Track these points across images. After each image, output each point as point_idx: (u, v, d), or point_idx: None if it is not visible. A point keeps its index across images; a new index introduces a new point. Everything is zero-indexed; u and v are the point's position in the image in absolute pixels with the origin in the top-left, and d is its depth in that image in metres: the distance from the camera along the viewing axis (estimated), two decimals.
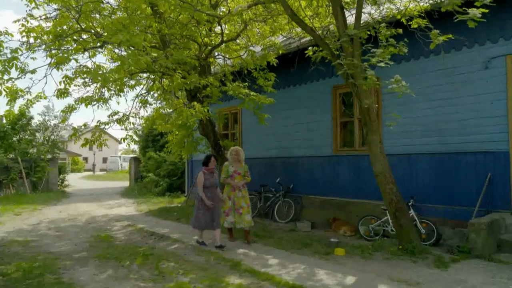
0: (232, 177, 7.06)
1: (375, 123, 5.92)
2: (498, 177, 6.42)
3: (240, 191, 7.05)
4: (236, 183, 7.02)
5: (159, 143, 19.39)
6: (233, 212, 7.00)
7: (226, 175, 7.10)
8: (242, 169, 7.16)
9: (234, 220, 6.98)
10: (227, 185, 7.14)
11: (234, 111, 12.00)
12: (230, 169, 7.10)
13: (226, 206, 7.02)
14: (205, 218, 6.64)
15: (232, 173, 7.07)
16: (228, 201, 7.01)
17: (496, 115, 6.48)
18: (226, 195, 7.04)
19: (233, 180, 7.04)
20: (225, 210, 7.03)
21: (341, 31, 5.49)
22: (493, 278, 4.71)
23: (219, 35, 7.37)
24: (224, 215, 7.02)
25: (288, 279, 4.86)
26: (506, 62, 6.37)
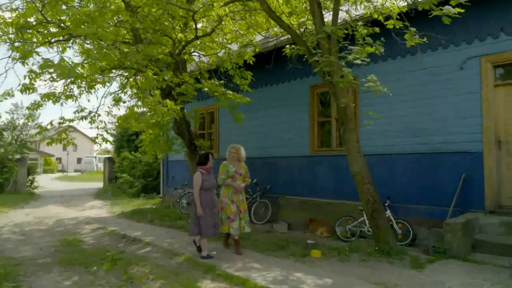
0: (233, 178, 6.25)
1: (352, 122, 5.84)
2: (472, 177, 6.45)
3: (241, 193, 6.34)
4: (238, 184, 6.25)
5: (134, 143, 18.92)
6: (238, 217, 6.20)
7: (226, 176, 6.28)
8: (243, 169, 6.41)
9: (239, 226, 6.20)
10: (225, 188, 6.30)
11: (211, 110, 11.77)
12: (231, 169, 6.30)
13: (230, 212, 6.17)
14: (207, 224, 5.87)
15: (233, 173, 6.28)
16: (232, 206, 6.19)
17: (470, 115, 6.51)
18: (228, 198, 6.23)
19: (234, 181, 6.26)
20: (230, 216, 6.17)
21: (318, 27, 5.38)
22: (470, 279, 4.68)
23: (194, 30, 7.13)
24: (229, 222, 6.17)
25: (263, 283, 4.70)
26: (481, 63, 6.42)
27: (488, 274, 4.81)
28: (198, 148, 8.87)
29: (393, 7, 5.75)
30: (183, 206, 11.12)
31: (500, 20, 6.27)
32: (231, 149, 6.46)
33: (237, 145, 6.56)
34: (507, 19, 6.20)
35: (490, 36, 6.36)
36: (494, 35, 6.31)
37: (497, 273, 4.86)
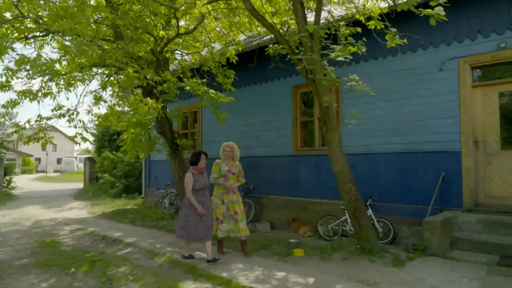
0: (225, 177, 5.99)
1: (334, 121, 5.87)
2: (451, 176, 6.58)
3: (234, 193, 6.04)
4: (230, 184, 5.97)
5: (115, 142, 18.61)
6: (227, 219, 5.96)
7: (218, 175, 6.01)
8: (236, 168, 6.12)
9: (229, 228, 5.97)
10: (217, 187, 6.06)
11: (194, 109, 11.68)
12: (224, 168, 6.02)
13: (219, 212, 5.96)
14: (196, 227, 5.60)
15: (225, 172, 6.00)
16: (221, 206, 5.95)
17: (449, 116, 6.64)
18: (218, 198, 5.98)
19: (227, 180, 6.00)
20: (218, 217, 5.95)
21: (300, 26, 5.39)
22: (448, 276, 4.76)
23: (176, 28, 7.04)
24: (217, 223, 5.94)
25: (245, 282, 4.68)
26: (459, 64, 6.55)
27: (466, 271, 4.91)
28: (181, 148, 8.77)
29: (374, 8, 5.81)
30: (165, 207, 11.00)
31: (477, 23, 6.41)
32: (225, 147, 6.17)
33: (231, 143, 6.25)
34: (484, 22, 6.35)
35: (468, 38, 6.50)
36: (471, 37, 6.46)
37: (474, 269, 4.96)
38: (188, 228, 5.64)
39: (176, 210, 10.73)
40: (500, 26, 6.20)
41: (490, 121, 6.50)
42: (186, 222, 5.67)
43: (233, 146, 6.19)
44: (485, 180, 6.50)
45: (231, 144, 6.22)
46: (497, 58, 6.23)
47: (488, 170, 6.48)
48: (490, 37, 6.29)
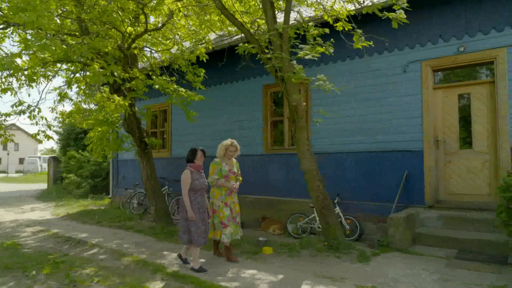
0: (226, 177, 5.59)
1: (303, 120, 5.96)
2: (414, 174, 6.84)
3: (235, 195, 5.74)
4: (232, 185, 5.60)
5: (81, 141, 18.02)
6: (231, 222, 5.59)
7: (219, 176, 5.57)
8: (235, 167, 5.78)
9: (232, 231, 5.58)
10: (218, 189, 5.63)
11: (164, 108, 11.51)
12: (224, 168, 5.60)
13: (223, 216, 5.52)
14: (199, 231, 5.15)
15: (227, 173, 5.60)
16: (225, 209, 5.55)
17: (412, 116, 6.90)
18: (221, 201, 5.57)
19: (228, 181, 5.61)
20: (223, 220, 5.52)
21: (270, 25, 5.44)
22: (410, 270, 4.94)
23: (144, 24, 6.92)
24: (222, 227, 5.52)
25: (214, 281, 4.66)
26: (421, 67, 6.82)
27: (427, 265, 5.12)
28: (149, 147, 8.62)
29: (342, 10, 5.95)
30: (133, 207, 10.78)
31: (438, 27, 6.70)
32: (230, 147, 5.63)
33: (234, 140, 5.77)
34: (444, 27, 6.64)
35: (430, 42, 6.78)
36: (433, 40, 6.74)
37: (434, 263, 5.19)
38: (190, 232, 5.17)
39: (145, 210, 10.55)
40: (459, 31, 6.50)
41: (449, 121, 6.80)
42: (186, 227, 5.19)
43: (237, 144, 5.75)
44: (445, 178, 6.80)
45: (235, 142, 5.75)
46: (457, 61, 6.53)
47: (448, 168, 6.79)
48: (450, 41, 6.59)
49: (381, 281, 4.54)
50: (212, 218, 5.61)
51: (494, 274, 4.67)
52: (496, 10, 6.22)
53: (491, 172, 6.34)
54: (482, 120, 6.49)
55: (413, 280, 4.57)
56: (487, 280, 4.47)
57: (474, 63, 6.48)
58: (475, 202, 6.41)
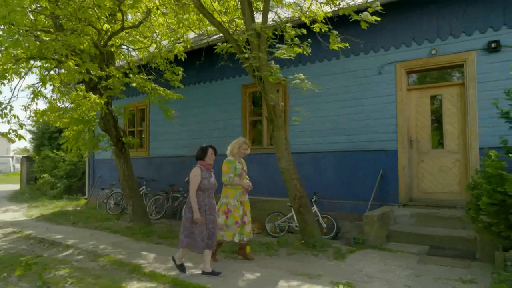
0: (240, 176, 5.45)
1: (281, 120, 6.02)
2: (388, 173, 7.02)
3: (247, 194, 5.62)
4: (248, 184, 5.49)
5: (56, 140, 17.57)
6: (242, 222, 5.46)
7: (234, 174, 5.41)
8: (245, 166, 5.71)
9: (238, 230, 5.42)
10: (232, 188, 5.44)
11: (142, 107, 11.38)
12: (238, 166, 5.46)
13: (238, 216, 5.37)
14: (202, 236, 4.81)
15: (241, 171, 5.47)
16: (240, 208, 5.40)
17: (387, 117, 7.08)
18: (236, 200, 5.39)
19: (241, 180, 5.46)
20: (238, 220, 5.35)
21: (248, 25, 5.48)
22: (384, 266, 5.08)
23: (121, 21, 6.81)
24: (236, 227, 5.34)
25: (192, 281, 4.65)
26: (396, 68, 7.01)
27: (400, 261, 5.27)
28: (127, 146, 8.51)
29: (319, 11, 6.04)
30: (110, 207, 10.60)
31: (412, 30, 6.90)
32: (243, 145, 5.53)
33: (246, 139, 5.69)
34: (418, 30, 6.84)
35: (404, 44, 6.97)
36: (407, 43, 6.94)
37: (407, 259, 5.34)
38: (195, 236, 4.80)
39: (122, 210, 10.40)
40: (432, 34, 6.72)
41: (422, 122, 7.02)
42: (192, 229, 4.82)
43: (248, 142, 5.64)
44: (418, 177, 7.01)
45: (247, 140, 5.66)
46: (429, 64, 6.75)
47: (421, 167, 7.00)
48: (423, 44, 6.79)
49: (355, 277, 4.64)
50: (225, 220, 5.36)
51: (463, 269, 4.85)
52: (465, 15, 6.46)
53: (461, 171, 6.58)
54: (453, 120, 6.73)
55: (386, 275, 4.69)
56: (457, 274, 4.64)
57: (446, 65, 6.70)
58: (446, 200, 6.64)
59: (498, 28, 6.19)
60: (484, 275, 4.55)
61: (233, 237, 5.37)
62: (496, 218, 4.47)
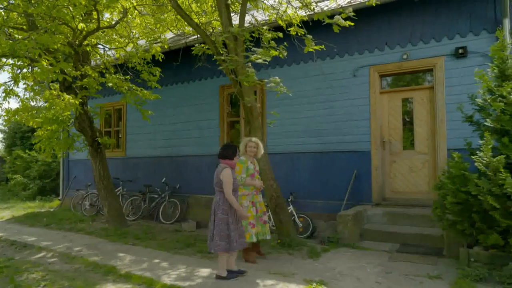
0: (252, 176, 5.43)
1: (258, 121, 6.11)
2: (362, 174, 7.22)
3: (260, 193, 5.62)
4: (260, 183, 5.50)
5: (29, 140, 17.09)
6: (257, 221, 5.44)
7: (246, 174, 5.39)
8: (257, 166, 5.66)
9: (257, 231, 5.41)
10: (245, 188, 5.38)
11: (118, 107, 11.24)
12: (250, 166, 5.43)
13: (252, 216, 5.35)
14: (237, 237, 4.69)
15: (253, 171, 5.45)
16: (252, 209, 5.37)
17: (361, 118, 7.28)
18: (249, 201, 5.38)
19: (254, 180, 5.44)
20: (251, 221, 5.35)
21: (225, 27, 5.54)
22: (356, 264, 5.24)
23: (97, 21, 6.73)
24: (250, 227, 5.33)
25: (167, 281, 4.67)
26: (370, 72, 7.22)
27: (371, 258, 5.45)
28: (102, 146, 8.40)
29: (294, 15, 6.16)
30: (85, 208, 10.44)
31: (385, 35, 7.13)
32: (249, 142, 5.50)
33: (255, 138, 5.64)
34: (390, 34, 7.08)
35: (377, 48, 7.19)
36: (380, 48, 7.16)
37: (378, 257, 5.53)
38: (231, 238, 4.61)
39: (97, 211, 10.25)
40: (404, 40, 6.97)
41: (394, 124, 7.26)
42: (226, 231, 4.62)
43: (258, 141, 5.58)
44: (390, 177, 7.24)
45: (256, 139, 5.61)
46: (401, 68, 6.99)
47: (393, 168, 7.23)
48: (395, 49, 7.03)
49: (328, 275, 4.78)
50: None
51: (430, 265, 5.06)
52: (435, 22, 6.73)
53: (430, 171, 6.85)
54: (423, 123, 6.99)
55: (358, 273, 4.85)
56: (424, 271, 4.84)
57: (417, 70, 6.96)
58: (417, 199, 6.89)
59: (464, 34, 6.48)
60: (449, 271, 4.77)
61: (250, 238, 5.32)
62: (460, 217, 4.70)
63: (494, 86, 4.81)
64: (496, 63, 4.89)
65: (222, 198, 4.69)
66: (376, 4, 6.28)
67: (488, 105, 4.80)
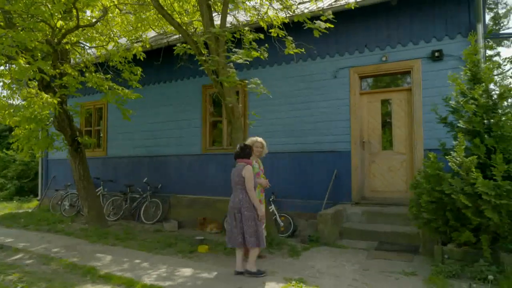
0: (257, 175, 5.45)
1: (239, 121, 6.14)
2: (342, 173, 7.34)
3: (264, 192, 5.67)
4: (265, 181, 5.53)
5: (6, 139, 16.68)
6: None
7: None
8: (262, 165, 5.72)
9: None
10: None
11: (99, 105, 11.09)
12: (255, 166, 5.44)
13: None
14: (262, 232, 4.90)
15: (258, 170, 5.50)
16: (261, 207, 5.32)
17: (342, 119, 7.40)
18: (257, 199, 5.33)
19: (260, 178, 5.48)
20: None
21: (206, 27, 5.55)
22: (335, 262, 5.34)
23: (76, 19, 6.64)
24: None
25: (147, 281, 4.66)
26: (350, 73, 7.35)
27: (350, 256, 5.56)
28: (82, 146, 8.29)
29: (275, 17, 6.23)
30: (65, 209, 10.28)
31: (364, 37, 7.27)
32: (256, 142, 5.56)
33: (260, 138, 5.68)
34: (370, 37, 7.22)
35: (357, 50, 7.33)
36: (360, 49, 7.30)
37: (356, 255, 5.65)
38: (258, 233, 4.78)
39: (77, 212, 10.10)
40: (383, 42, 7.12)
41: (374, 124, 7.41)
42: (254, 227, 4.77)
43: (263, 142, 5.66)
44: (369, 176, 7.39)
45: (262, 139, 5.66)
46: (380, 70, 7.14)
47: (372, 167, 7.38)
48: (374, 51, 7.18)
49: (307, 273, 4.86)
50: None
51: (406, 262, 5.21)
52: (412, 25, 6.90)
53: (408, 171, 7.02)
54: (401, 124, 7.16)
55: (336, 270, 4.95)
56: (400, 268, 4.97)
57: (395, 72, 7.13)
58: (395, 198, 7.06)
59: (441, 38, 6.68)
60: (424, 268, 4.92)
61: None
62: (435, 215, 4.85)
63: (467, 88, 4.99)
64: (469, 66, 5.07)
65: (245, 196, 4.83)
66: (355, 7, 6.41)
67: (461, 107, 4.97)
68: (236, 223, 4.84)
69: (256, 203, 4.81)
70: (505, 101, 4.90)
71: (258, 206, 4.84)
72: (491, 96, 4.93)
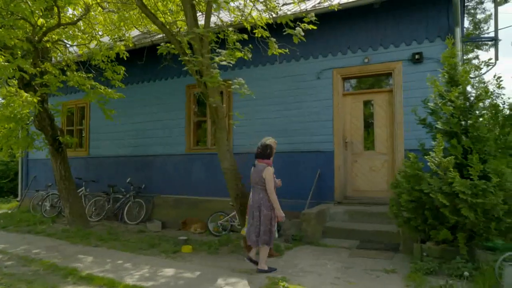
0: None
1: (223, 121, 6.15)
2: (325, 173, 7.43)
3: None
4: (279, 182, 5.39)
5: None
6: None
7: None
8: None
9: None
10: None
11: (81, 105, 10.94)
12: None
13: None
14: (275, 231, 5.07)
15: None
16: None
17: (325, 119, 7.50)
18: None
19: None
20: None
21: (190, 27, 5.55)
22: (317, 260, 5.41)
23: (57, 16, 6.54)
24: None
25: (129, 282, 4.65)
26: (333, 74, 7.45)
27: (332, 255, 5.65)
28: (64, 145, 8.16)
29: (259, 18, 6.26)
30: (46, 209, 10.10)
31: (347, 39, 7.38)
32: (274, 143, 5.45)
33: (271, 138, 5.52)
34: (352, 39, 7.33)
35: (340, 52, 7.43)
36: (343, 51, 7.40)
37: (339, 253, 5.74)
38: (271, 233, 4.96)
39: (59, 212, 9.93)
40: (365, 44, 7.24)
41: (356, 125, 7.53)
42: (269, 226, 4.94)
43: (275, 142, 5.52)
44: (352, 176, 7.51)
45: (272, 139, 5.50)
46: (363, 71, 7.26)
47: (354, 167, 7.50)
48: (357, 52, 7.29)
49: (291, 272, 4.92)
50: None
51: (387, 260, 5.32)
52: (394, 28, 7.04)
53: (389, 171, 7.16)
54: (382, 124, 7.29)
55: (319, 269, 5.02)
56: (381, 265, 5.08)
57: (377, 73, 7.26)
58: (376, 198, 7.19)
59: (421, 41, 6.83)
60: (404, 265, 5.03)
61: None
62: (414, 214, 4.97)
63: (444, 91, 5.12)
64: (447, 69, 5.20)
65: (264, 194, 4.97)
66: (338, 9, 6.49)
67: (439, 108, 5.10)
68: (253, 221, 5.02)
69: (276, 205, 4.92)
70: (481, 102, 5.05)
71: (278, 207, 4.94)
72: (468, 98, 5.08)
